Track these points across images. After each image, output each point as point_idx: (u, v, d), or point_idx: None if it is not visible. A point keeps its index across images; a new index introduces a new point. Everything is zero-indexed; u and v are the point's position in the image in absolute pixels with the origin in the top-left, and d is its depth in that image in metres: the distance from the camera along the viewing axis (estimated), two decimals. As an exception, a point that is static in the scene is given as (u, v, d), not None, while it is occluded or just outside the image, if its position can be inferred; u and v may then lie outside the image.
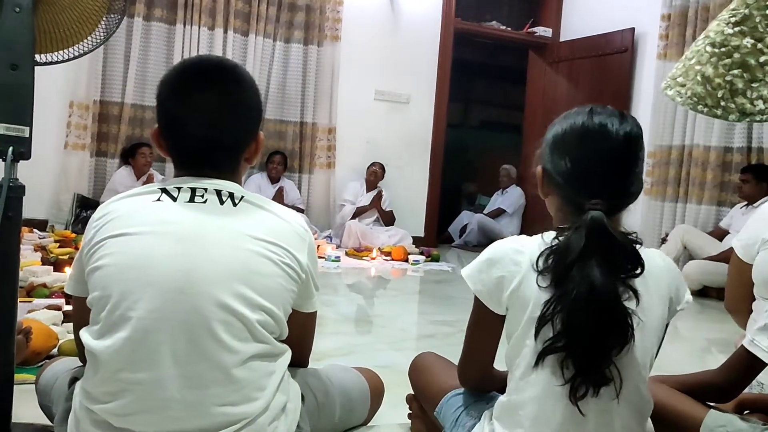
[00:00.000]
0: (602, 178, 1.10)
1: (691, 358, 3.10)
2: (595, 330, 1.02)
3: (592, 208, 1.06)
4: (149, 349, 1.00)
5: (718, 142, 5.01)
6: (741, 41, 1.08)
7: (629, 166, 1.11)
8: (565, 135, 1.14)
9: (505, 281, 1.10)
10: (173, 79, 1.15)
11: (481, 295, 1.14)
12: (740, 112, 1.10)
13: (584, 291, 1.01)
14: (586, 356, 1.03)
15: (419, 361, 1.56)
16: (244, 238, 1.07)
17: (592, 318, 1.01)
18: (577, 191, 1.10)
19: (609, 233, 1.04)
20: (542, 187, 1.20)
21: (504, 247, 1.14)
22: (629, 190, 1.12)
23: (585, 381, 1.03)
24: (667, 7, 5.46)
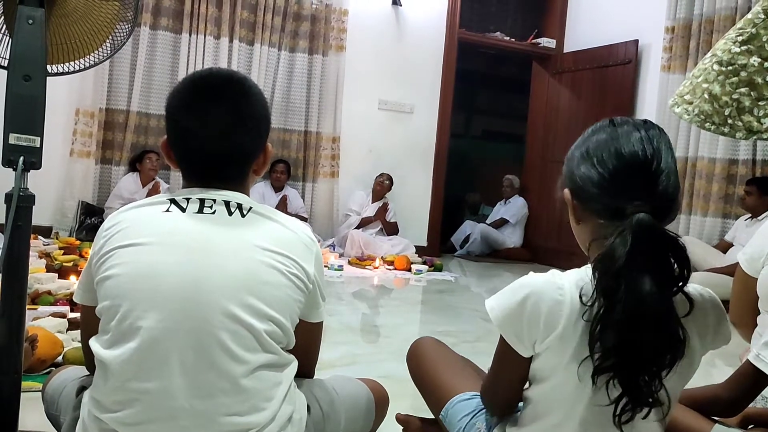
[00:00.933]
0: (641, 180, 1.01)
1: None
2: (647, 346, 0.93)
3: (636, 210, 0.97)
4: (158, 359, 1.01)
5: (723, 155, 5.02)
6: (748, 60, 1.09)
7: (664, 168, 1.03)
8: (594, 148, 1.07)
9: (542, 327, 1.01)
10: (183, 91, 1.16)
11: (513, 344, 1.05)
12: (747, 129, 1.11)
13: (633, 303, 0.92)
14: (636, 375, 0.94)
15: (419, 348, 1.50)
16: (252, 248, 1.08)
17: (643, 333, 0.93)
18: (616, 197, 1.01)
19: (658, 234, 0.95)
20: (573, 212, 1.11)
21: (542, 287, 1.02)
22: (668, 192, 1.03)
23: (632, 402, 0.96)
24: (671, 19, 5.48)
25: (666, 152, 1.05)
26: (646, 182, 1.02)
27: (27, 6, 1.29)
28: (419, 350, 1.51)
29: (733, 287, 1.68)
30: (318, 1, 6.02)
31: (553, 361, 1.03)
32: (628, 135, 1.05)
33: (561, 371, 1.02)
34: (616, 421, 0.97)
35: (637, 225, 0.96)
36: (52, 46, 1.42)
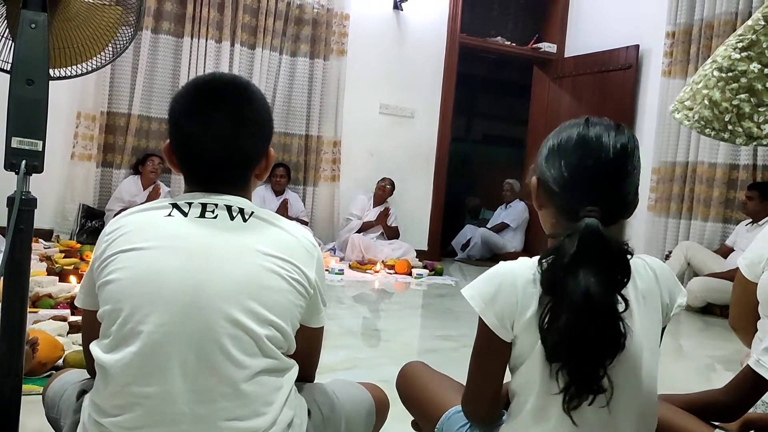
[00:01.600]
0: (598, 185, 1.08)
1: (695, 375, 3.10)
2: (591, 339, 1.00)
3: (588, 215, 1.04)
4: (159, 363, 1.01)
5: (724, 159, 5.02)
6: (748, 66, 1.09)
7: (624, 175, 1.09)
8: (562, 144, 1.13)
9: (519, 307, 1.07)
10: (186, 95, 1.16)
11: (495, 327, 1.09)
12: (747, 135, 1.11)
13: (580, 299, 0.99)
14: (582, 365, 1.02)
15: (409, 371, 1.52)
16: (253, 253, 1.08)
17: (589, 327, 1.00)
18: (573, 198, 1.08)
19: (603, 240, 1.02)
20: (537, 198, 1.19)
21: (514, 271, 1.10)
22: (625, 200, 1.10)
23: (579, 390, 1.02)
24: (672, 24, 5.49)
25: (630, 160, 1.10)
26: (603, 188, 1.08)
27: (30, 10, 1.30)
28: (409, 373, 1.52)
29: (733, 292, 1.69)
30: (319, 6, 6.04)
31: (527, 342, 1.08)
32: (597, 139, 1.10)
33: (533, 353, 1.07)
34: (565, 409, 1.03)
35: (585, 230, 1.02)
36: (55, 51, 1.43)
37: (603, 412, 1.06)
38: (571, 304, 1.00)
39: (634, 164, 1.11)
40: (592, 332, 1.00)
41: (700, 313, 4.55)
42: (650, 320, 1.12)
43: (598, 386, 1.03)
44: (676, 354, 3.53)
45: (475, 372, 1.17)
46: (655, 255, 5.44)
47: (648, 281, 1.13)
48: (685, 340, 3.93)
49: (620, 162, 1.09)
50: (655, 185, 5.52)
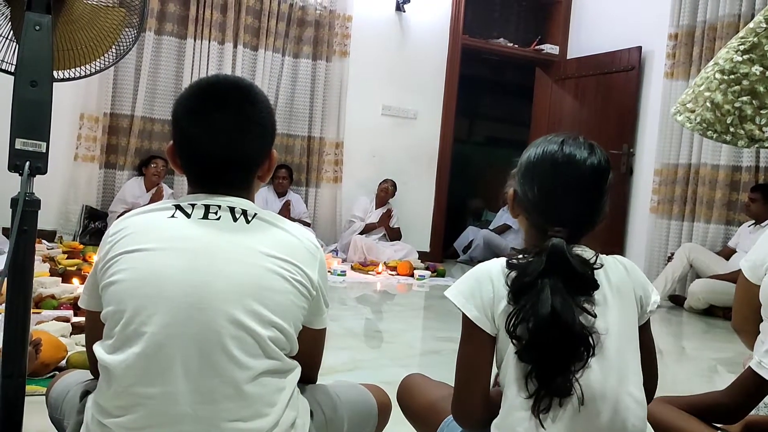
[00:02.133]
0: (567, 207, 1.15)
1: (697, 377, 3.09)
2: (554, 349, 1.07)
3: (554, 235, 1.11)
4: (162, 364, 1.01)
5: (726, 161, 5.01)
6: (750, 69, 1.09)
7: (594, 197, 1.17)
8: (536, 162, 1.18)
9: (495, 299, 1.14)
10: (190, 97, 1.17)
11: (478, 320, 1.15)
12: (749, 138, 1.11)
13: (546, 313, 1.06)
14: (548, 371, 1.07)
15: (408, 383, 1.54)
16: (256, 254, 1.08)
17: (552, 338, 1.06)
18: (542, 218, 1.16)
19: (567, 260, 1.09)
20: (512, 208, 1.25)
21: (487, 269, 1.18)
22: (593, 220, 1.18)
23: (547, 394, 1.07)
24: (675, 26, 5.49)
25: (601, 184, 1.17)
26: (573, 212, 1.16)
27: (34, 12, 1.31)
28: (408, 385, 1.53)
29: (735, 294, 1.68)
30: (322, 7, 6.05)
31: (505, 336, 1.12)
32: (569, 160, 1.15)
33: (509, 346, 1.12)
34: (535, 413, 1.08)
35: (552, 249, 1.10)
36: (59, 52, 1.43)
37: (575, 415, 1.09)
38: (537, 317, 1.07)
39: (603, 186, 1.17)
40: (556, 344, 1.07)
41: (702, 315, 4.54)
42: (627, 313, 1.16)
43: (567, 391, 1.07)
44: (678, 356, 3.53)
45: (461, 371, 1.19)
46: (658, 257, 5.47)
47: (619, 275, 1.18)
48: (688, 341, 3.93)
49: (590, 184, 1.16)
50: (657, 187, 5.51)
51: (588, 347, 1.07)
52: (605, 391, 1.09)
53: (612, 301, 1.13)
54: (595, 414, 1.09)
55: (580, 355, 1.07)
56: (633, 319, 1.17)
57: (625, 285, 1.17)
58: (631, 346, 1.15)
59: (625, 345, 1.14)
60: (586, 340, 1.07)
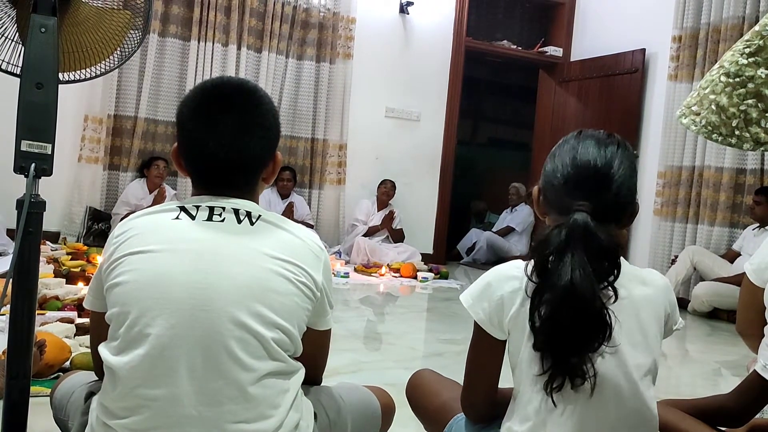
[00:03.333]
0: (589, 184, 1.14)
1: (702, 380, 3.08)
2: (571, 324, 1.04)
3: (578, 209, 1.10)
4: (166, 366, 1.01)
5: (731, 164, 5.00)
6: (755, 71, 1.09)
7: (614, 173, 1.15)
8: (558, 152, 1.21)
9: (504, 301, 1.13)
10: (194, 100, 1.17)
11: (483, 323, 1.16)
12: (754, 141, 1.11)
13: (563, 286, 1.04)
14: (562, 351, 1.05)
15: (418, 379, 1.54)
16: (260, 256, 1.08)
17: (568, 312, 1.04)
18: (567, 196, 1.15)
19: (590, 231, 1.07)
20: (538, 206, 1.26)
21: (502, 271, 1.18)
22: (617, 198, 1.15)
23: (560, 373, 1.06)
24: (678, 28, 5.48)
25: (619, 163, 1.16)
26: (592, 187, 1.14)
27: (40, 15, 1.31)
28: (417, 381, 1.54)
29: (739, 297, 1.68)
30: (326, 9, 6.05)
31: (518, 338, 1.12)
32: (586, 147, 1.18)
33: (524, 348, 1.11)
34: (547, 390, 1.07)
35: (573, 221, 1.09)
36: (64, 55, 1.44)
37: (587, 400, 1.08)
38: (555, 291, 1.05)
39: (622, 169, 1.16)
40: (572, 319, 1.04)
41: (706, 318, 4.53)
42: (651, 323, 1.14)
43: (580, 372, 1.06)
44: (683, 359, 3.52)
45: (469, 367, 1.23)
46: (661, 259, 5.46)
47: (653, 286, 1.17)
48: (692, 345, 3.92)
49: (608, 165, 1.15)
50: (661, 189, 5.50)
51: (605, 326, 1.05)
52: (619, 383, 1.09)
53: (638, 300, 1.12)
54: (606, 404, 1.09)
55: (597, 335, 1.05)
56: (657, 330, 1.15)
57: (657, 295, 1.16)
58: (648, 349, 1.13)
59: (641, 347, 1.12)
60: (604, 319, 1.05)
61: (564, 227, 1.08)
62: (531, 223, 6.88)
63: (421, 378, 1.54)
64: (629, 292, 1.12)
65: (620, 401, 1.10)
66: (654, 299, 1.16)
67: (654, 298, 1.16)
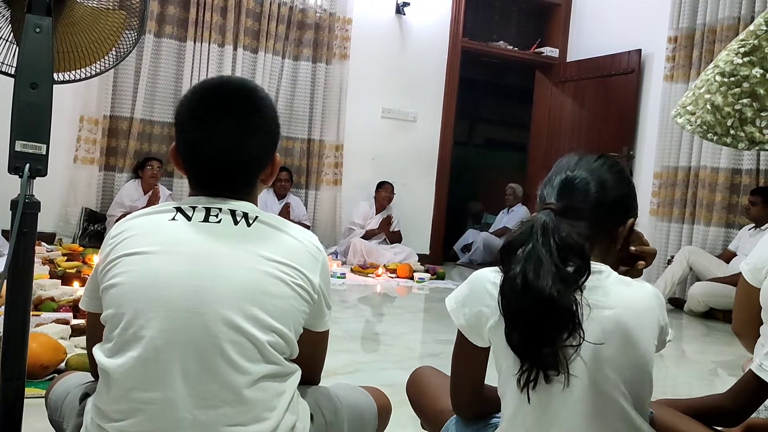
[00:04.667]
0: (566, 187, 1.17)
1: (698, 380, 3.09)
2: (529, 313, 1.04)
3: (546, 207, 1.14)
4: (161, 369, 1.01)
5: (726, 164, 5.01)
6: (750, 71, 1.09)
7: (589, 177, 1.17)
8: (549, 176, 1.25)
9: (482, 315, 1.13)
10: (192, 100, 1.16)
11: (464, 329, 1.17)
12: (749, 140, 1.11)
13: (518, 276, 1.05)
14: (524, 340, 1.05)
15: (418, 376, 1.55)
16: (256, 259, 1.08)
17: (526, 301, 1.04)
18: (547, 198, 1.18)
19: (551, 227, 1.09)
20: None
21: (482, 278, 1.17)
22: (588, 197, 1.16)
23: (533, 365, 1.05)
24: (674, 29, 5.49)
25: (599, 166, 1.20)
26: (563, 188, 1.18)
27: (35, 15, 1.30)
28: (418, 377, 1.55)
29: (735, 297, 1.68)
30: (322, 10, 6.05)
31: (499, 342, 1.11)
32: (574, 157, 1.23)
33: (504, 351, 1.10)
34: (522, 386, 1.07)
35: (536, 218, 1.12)
36: (59, 55, 1.43)
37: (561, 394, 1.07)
38: (512, 281, 1.06)
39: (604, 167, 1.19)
40: (531, 308, 1.04)
41: (702, 318, 4.54)
42: (645, 333, 1.11)
43: (553, 364, 1.04)
44: (678, 359, 3.53)
45: (453, 371, 1.26)
46: (657, 260, 5.46)
47: (647, 297, 1.14)
48: (688, 345, 3.92)
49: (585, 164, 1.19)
50: (657, 190, 5.51)
51: (572, 318, 1.03)
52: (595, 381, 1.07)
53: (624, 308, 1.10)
54: (581, 397, 1.07)
55: (561, 327, 1.04)
56: (650, 339, 1.13)
57: (650, 307, 1.14)
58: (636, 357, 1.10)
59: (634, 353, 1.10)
60: (569, 311, 1.03)
61: (527, 224, 1.11)
62: (527, 224, 6.87)
63: (421, 376, 1.54)
64: (618, 302, 1.10)
65: (594, 399, 1.07)
66: (648, 313, 1.13)
67: (648, 312, 1.13)
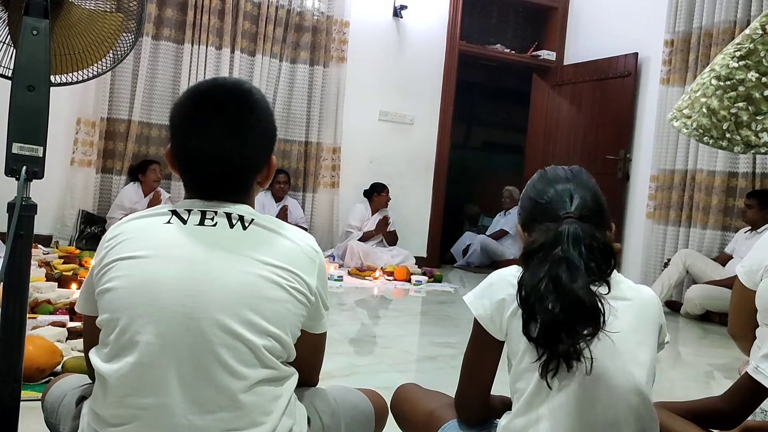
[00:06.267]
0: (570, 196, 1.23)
1: (694, 383, 3.09)
2: (560, 313, 1.08)
3: (567, 216, 1.18)
4: (156, 374, 1.00)
5: (723, 167, 5.02)
6: (746, 75, 1.10)
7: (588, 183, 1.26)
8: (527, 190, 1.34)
9: (505, 303, 1.17)
10: (187, 103, 1.15)
11: (483, 319, 1.19)
12: (745, 144, 1.11)
13: (551, 280, 1.09)
14: (552, 333, 1.08)
15: (403, 393, 1.54)
16: (252, 262, 1.07)
17: (557, 303, 1.08)
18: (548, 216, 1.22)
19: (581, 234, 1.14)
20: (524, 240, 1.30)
21: (504, 272, 1.22)
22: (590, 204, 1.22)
23: (554, 356, 1.08)
24: (671, 33, 5.51)
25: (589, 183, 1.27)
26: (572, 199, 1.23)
27: (31, 17, 1.30)
28: (402, 395, 1.54)
29: (731, 300, 1.69)
30: (319, 13, 6.06)
31: (516, 337, 1.15)
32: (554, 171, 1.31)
33: (521, 343, 1.14)
34: (541, 373, 1.10)
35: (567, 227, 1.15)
36: (56, 57, 1.43)
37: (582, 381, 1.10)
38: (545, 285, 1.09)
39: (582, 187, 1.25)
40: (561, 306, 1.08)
41: (698, 320, 4.55)
42: (647, 334, 1.18)
43: (575, 354, 1.07)
44: (675, 361, 3.53)
45: (465, 366, 1.26)
46: (654, 263, 5.47)
47: (648, 299, 1.22)
48: (684, 347, 3.93)
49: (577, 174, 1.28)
50: (653, 193, 5.52)
51: (597, 315, 1.07)
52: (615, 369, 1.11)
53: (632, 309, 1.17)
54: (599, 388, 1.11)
55: (588, 323, 1.07)
56: (653, 341, 1.19)
57: (652, 309, 1.21)
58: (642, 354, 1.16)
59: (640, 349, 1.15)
60: (596, 309, 1.08)
61: (553, 232, 1.15)
62: (524, 227, 6.87)
63: (406, 392, 1.54)
64: (631, 294, 1.18)
65: (613, 388, 1.11)
66: (652, 309, 1.21)
67: (653, 308, 1.21)
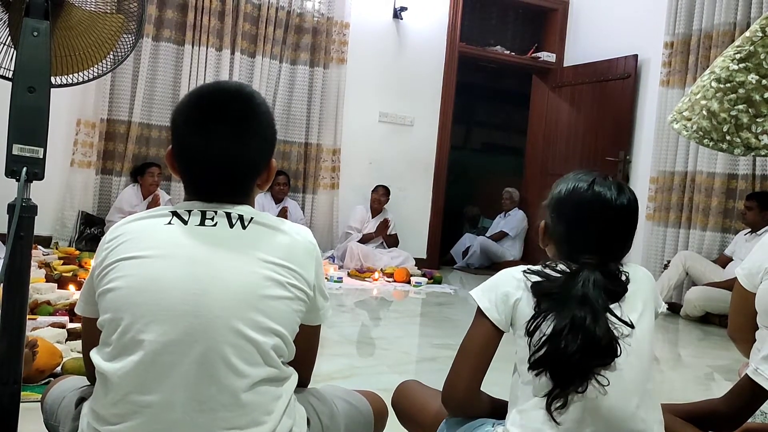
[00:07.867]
0: (597, 242, 1.22)
1: (694, 385, 3.09)
2: (574, 353, 1.10)
3: (587, 261, 1.19)
4: (159, 373, 1.01)
5: (722, 169, 5.02)
6: (746, 77, 1.10)
7: (625, 234, 1.25)
8: (565, 199, 1.27)
9: (510, 296, 1.21)
10: (189, 106, 1.16)
11: (488, 310, 1.22)
12: (745, 146, 1.12)
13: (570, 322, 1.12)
14: (565, 373, 1.11)
15: (403, 390, 1.54)
16: (253, 261, 1.08)
17: (569, 343, 1.11)
18: (572, 249, 1.23)
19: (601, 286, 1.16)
20: (543, 239, 1.33)
21: (510, 270, 1.26)
22: (622, 253, 1.26)
23: (563, 393, 1.11)
24: (670, 34, 5.51)
25: (629, 220, 1.24)
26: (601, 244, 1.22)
27: (32, 18, 1.31)
28: (403, 391, 1.54)
29: (731, 302, 1.69)
30: (319, 14, 6.06)
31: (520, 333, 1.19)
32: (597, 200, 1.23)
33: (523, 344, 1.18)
34: (548, 409, 1.12)
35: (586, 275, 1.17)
36: (57, 58, 1.43)
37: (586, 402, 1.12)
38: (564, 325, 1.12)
39: (634, 223, 1.25)
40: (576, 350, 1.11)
41: (698, 322, 4.55)
42: (649, 323, 1.21)
43: (581, 388, 1.11)
44: (675, 363, 3.53)
45: (459, 353, 1.27)
46: (654, 264, 5.47)
47: (645, 285, 1.24)
48: (684, 349, 3.93)
49: (620, 222, 1.24)
50: (653, 194, 5.52)
51: (613, 353, 1.11)
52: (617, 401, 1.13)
53: (640, 308, 1.20)
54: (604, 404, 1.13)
55: (603, 359, 1.11)
56: (651, 325, 1.23)
57: (650, 298, 1.24)
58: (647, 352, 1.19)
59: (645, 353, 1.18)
60: (612, 346, 1.11)
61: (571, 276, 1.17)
62: (524, 228, 6.88)
63: (408, 389, 1.54)
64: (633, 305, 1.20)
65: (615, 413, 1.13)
66: (650, 298, 1.23)
67: (650, 297, 1.23)
